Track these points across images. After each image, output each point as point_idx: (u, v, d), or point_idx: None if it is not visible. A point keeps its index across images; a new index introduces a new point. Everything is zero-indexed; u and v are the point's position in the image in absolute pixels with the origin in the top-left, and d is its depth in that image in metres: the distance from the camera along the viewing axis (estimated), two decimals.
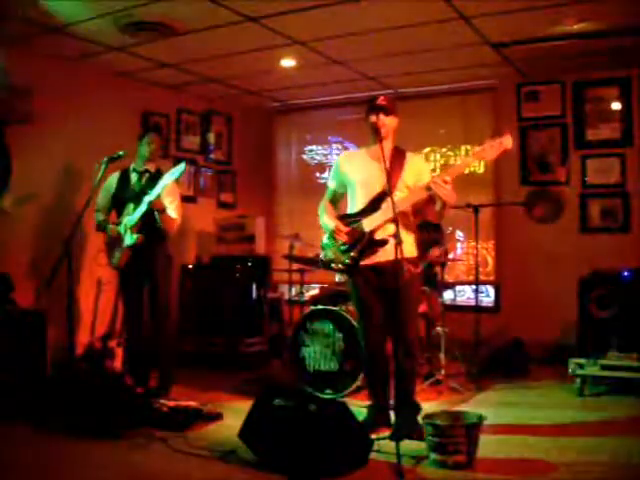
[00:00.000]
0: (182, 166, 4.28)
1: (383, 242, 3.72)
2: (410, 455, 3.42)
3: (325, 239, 3.96)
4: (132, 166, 4.76)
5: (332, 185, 4.06)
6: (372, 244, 3.76)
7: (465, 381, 5.14)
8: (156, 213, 4.48)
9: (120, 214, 4.67)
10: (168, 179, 4.31)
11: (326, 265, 3.98)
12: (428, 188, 3.63)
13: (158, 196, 4.37)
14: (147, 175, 4.68)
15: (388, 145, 3.82)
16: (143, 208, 4.41)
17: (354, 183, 3.89)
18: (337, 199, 4.09)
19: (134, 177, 4.72)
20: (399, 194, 3.75)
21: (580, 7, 4.56)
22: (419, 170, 3.86)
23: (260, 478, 3.27)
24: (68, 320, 4.41)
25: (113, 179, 4.77)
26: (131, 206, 4.54)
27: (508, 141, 3.56)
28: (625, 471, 3.24)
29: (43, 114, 5.35)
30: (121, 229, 4.57)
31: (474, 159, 3.66)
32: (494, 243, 6.66)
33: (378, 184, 3.73)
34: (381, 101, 3.79)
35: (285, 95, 7.28)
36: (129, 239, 4.51)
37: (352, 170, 3.92)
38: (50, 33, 4.93)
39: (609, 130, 6.11)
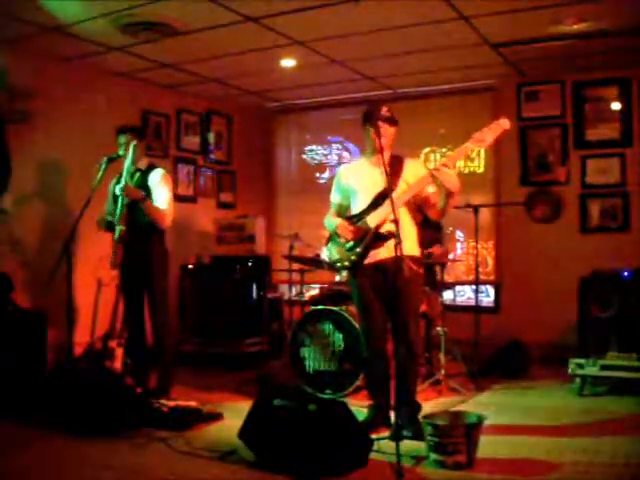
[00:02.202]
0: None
1: (389, 236, 3.70)
2: (410, 455, 3.42)
3: (329, 241, 3.97)
4: None
5: (336, 199, 4.08)
6: (378, 238, 3.76)
7: (465, 381, 5.13)
8: (140, 204, 4.48)
9: None
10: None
11: (331, 265, 3.98)
12: (432, 176, 3.65)
13: (127, 182, 4.45)
14: (138, 174, 4.67)
15: (386, 154, 3.85)
16: (120, 198, 4.44)
17: (357, 191, 3.93)
18: (342, 213, 4.08)
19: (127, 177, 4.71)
20: (400, 192, 3.77)
21: (580, 7, 4.56)
22: (416, 168, 3.93)
23: (260, 478, 3.27)
24: (68, 320, 4.40)
25: (113, 182, 4.75)
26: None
27: (505, 122, 3.62)
28: (625, 471, 3.23)
29: (43, 114, 5.35)
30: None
31: (473, 144, 3.66)
32: (494, 243, 6.66)
33: (380, 188, 3.75)
34: (386, 112, 3.84)
35: (285, 95, 7.27)
36: (116, 232, 4.47)
37: (354, 180, 3.96)
38: (50, 33, 4.93)
39: (609, 130, 6.11)
